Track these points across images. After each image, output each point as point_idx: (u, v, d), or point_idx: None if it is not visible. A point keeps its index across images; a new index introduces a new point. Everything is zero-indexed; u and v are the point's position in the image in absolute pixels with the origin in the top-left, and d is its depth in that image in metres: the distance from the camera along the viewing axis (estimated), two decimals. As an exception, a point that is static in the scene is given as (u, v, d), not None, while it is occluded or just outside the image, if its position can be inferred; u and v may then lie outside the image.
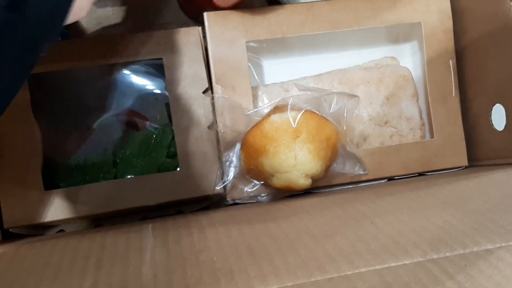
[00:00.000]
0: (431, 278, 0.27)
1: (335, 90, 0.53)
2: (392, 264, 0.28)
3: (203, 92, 0.49)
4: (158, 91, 0.53)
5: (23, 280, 0.32)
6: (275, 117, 0.46)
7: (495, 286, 0.26)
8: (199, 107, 0.48)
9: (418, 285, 0.27)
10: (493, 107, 0.50)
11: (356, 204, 0.41)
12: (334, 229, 0.35)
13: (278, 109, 0.47)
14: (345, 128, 0.49)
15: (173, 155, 0.51)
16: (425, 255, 0.29)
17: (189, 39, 0.49)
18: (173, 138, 0.50)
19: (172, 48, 0.49)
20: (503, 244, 0.29)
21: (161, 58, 0.48)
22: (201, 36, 0.50)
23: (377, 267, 0.28)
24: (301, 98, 0.48)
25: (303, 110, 0.46)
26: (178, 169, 0.48)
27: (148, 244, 0.36)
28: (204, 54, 0.50)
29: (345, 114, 0.49)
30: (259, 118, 0.47)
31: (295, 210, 0.42)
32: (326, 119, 0.48)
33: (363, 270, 0.28)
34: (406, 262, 0.28)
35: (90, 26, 0.59)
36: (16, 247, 0.40)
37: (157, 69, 0.52)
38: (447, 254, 0.29)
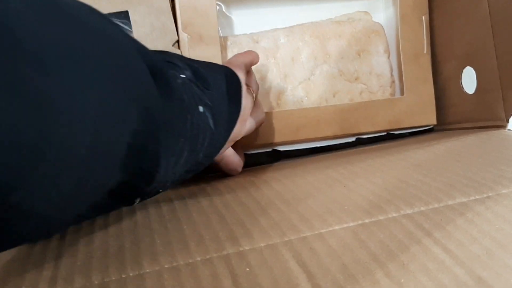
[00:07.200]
0: (407, 235, 0.26)
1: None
2: (366, 221, 0.27)
3: (173, 45, 0.46)
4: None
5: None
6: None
7: (472, 241, 0.26)
8: None
9: (394, 242, 0.26)
10: (464, 70, 0.49)
11: (327, 171, 0.40)
12: (306, 194, 0.34)
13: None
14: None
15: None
16: (399, 210, 0.28)
17: None
18: None
19: None
20: (477, 197, 0.28)
21: (127, 11, 0.45)
22: None
23: (351, 224, 0.27)
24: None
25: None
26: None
27: (114, 219, 0.35)
28: (171, 4, 0.47)
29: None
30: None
31: (265, 180, 0.41)
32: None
33: (336, 227, 0.27)
34: (380, 218, 0.28)
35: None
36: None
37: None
38: (422, 208, 0.28)
